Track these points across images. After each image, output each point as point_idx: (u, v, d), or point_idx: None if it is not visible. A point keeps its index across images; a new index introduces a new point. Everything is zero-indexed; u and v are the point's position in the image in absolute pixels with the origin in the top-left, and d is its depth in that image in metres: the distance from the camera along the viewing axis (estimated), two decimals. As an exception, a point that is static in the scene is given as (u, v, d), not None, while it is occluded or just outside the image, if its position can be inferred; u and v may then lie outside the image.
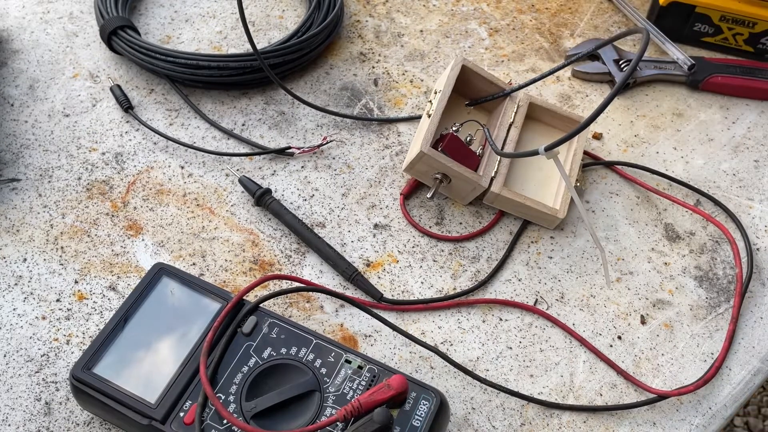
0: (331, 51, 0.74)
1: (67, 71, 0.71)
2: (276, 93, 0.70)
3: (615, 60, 0.72)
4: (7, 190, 0.62)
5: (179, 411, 0.46)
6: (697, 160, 0.67)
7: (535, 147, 0.64)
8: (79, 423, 0.50)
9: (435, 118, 0.59)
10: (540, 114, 0.64)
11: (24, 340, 0.54)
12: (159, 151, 0.65)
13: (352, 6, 0.78)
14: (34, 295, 0.56)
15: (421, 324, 0.56)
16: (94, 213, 0.61)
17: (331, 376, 0.48)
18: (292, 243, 0.60)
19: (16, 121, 0.67)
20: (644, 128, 0.69)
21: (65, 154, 0.65)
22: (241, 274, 0.58)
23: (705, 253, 0.61)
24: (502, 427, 0.52)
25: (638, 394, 0.53)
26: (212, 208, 0.62)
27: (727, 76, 0.71)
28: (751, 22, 0.72)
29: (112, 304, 0.56)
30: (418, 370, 0.54)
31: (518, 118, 0.63)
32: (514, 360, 0.55)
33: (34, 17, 0.75)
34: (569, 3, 0.80)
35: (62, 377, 0.52)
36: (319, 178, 0.64)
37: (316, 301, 0.57)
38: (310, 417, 0.46)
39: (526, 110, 0.63)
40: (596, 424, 0.52)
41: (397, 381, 0.46)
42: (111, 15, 0.71)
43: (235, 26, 0.75)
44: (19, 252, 0.58)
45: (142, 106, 0.69)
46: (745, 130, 0.70)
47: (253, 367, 0.48)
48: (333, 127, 0.68)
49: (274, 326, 0.50)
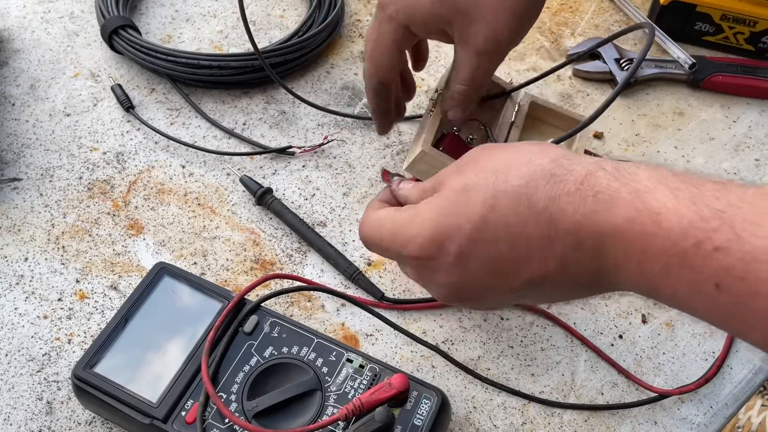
0: (331, 50, 0.74)
1: (68, 71, 0.71)
2: (277, 92, 0.70)
3: (616, 59, 0.72)
4: (8, 190, 0.62)
5: (181, 410, 0.46)
6: (698, 159, 0.67)
7: None
8: (81, 422, 0.50)
9: (436, 117, 0.59)
10: (541, 113, 0.64)
11: (25, 340, 0.54)
12: (160, 151, 0.65)
13: (352, 5, 0.78)
14: (35, 294, 0.56)
15: (423, 323, 0.56)
16: (96, 212, 0.61)
17: (332, 375, 0.48)
18: (293, 242, 0.60)
19: (17, 121, 0.67)
20: (645, 127, 0.69)
21: (66, 154, 0.65)
22: (243, 273, 0.58)
23: (706, 252, 0.61)
24: (504, 426, 0.52)
25: (639, 393, 0.53)
26: (213, 208, 0.62)
27: (728, 75, 0.71)
28: (752, 21, 0.72)
29: (113, 304, 0.56)
30: (419, 369, 0.54)
31: (519, 118, 0.63)
32: (515, 359, 0.55)
33: (35, 17, 0.75)
34: (570, 2, 0.80)
35: (64, 376, 0.52)
36: (320, 178, 0.64)
37: (318, 300, 0.57)
38: (312, 416, 0.46)
39: (527, 110, 0.63)
40: (597, 423, 0.52)
41: (398, 380, 0.46)
42: (112, 14, 0.71)
43: (235, 25, 0.75)
44: (20, 251, 0.58)
45: (143, 106, 0.69)
46: (746, 129, 0.70)
47: (254, 366, 0.48)
48: (334, 126, 0.68)
49: (276, 325, 0.50)
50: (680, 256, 0.33)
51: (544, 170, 0.38)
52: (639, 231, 0.34)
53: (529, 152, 0.40)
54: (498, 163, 0.40)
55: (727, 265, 0.32)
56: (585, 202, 0.36)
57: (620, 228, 0.35)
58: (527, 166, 0.39)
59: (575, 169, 0.37)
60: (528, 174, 0.38)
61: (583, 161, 0.38)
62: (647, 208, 0.34)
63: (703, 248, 0.32)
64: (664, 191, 0.34)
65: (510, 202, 0.38)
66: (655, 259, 0.34)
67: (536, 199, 0.38)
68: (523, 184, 0.38)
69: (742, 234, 0.32)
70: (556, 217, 0.37)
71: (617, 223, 0.35)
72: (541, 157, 0.39)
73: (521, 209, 0.38)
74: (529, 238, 0.38)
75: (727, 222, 0.32)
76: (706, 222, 0.32)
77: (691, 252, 0.33)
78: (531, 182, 0.38)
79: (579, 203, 0.36)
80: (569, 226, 0.37)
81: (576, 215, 0.36)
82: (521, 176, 0.38)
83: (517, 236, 0.38)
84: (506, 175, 0.39)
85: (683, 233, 0.33)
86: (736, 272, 0.31)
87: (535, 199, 0.38)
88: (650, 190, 0.35)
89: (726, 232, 0.32)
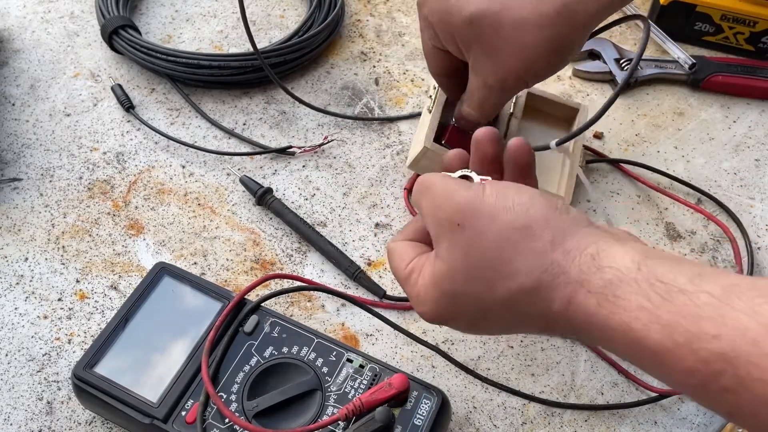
0: (331, 50, 0.74)
1: (68, 71, 0.71)
2: (277, 92, 0.70)
3: (616, 59, 0.72)
4: (8, 190, 0.62)
5: (181, 410, 0.46)
6: (698, 159, 0.67)
7: (536, 137, 0.64)
8: (81, 422, 0.50)
9: (436, 112, 0.59)
10: (539, 103, 0.64)
11: (26, 340, 0.54)
12: (160, 151, 0.65)
13: (352, 5, 0.78)
14: (35, 294, 0.56)
15: (423, 323, 0.56)
16: (96, 212, 0.61)
17: (332, 375, 0.48)
18: (293, 242, 0.60)
19: (17, 121, 0.67)
20: (645, 127, 0.69)
21: (66, 154, 0.65)
22: (243, 273, 0.58)
23: (706, 252, 0.61)
24: (504, 426, 0.52)
25: (639, 392, 0.53)
26: (213, 208, 0.62)
27: (728, 75, 0.71)
28: (752, 21, 0.72)
29: (113, 304, 0.56)
30: (419, 369, 0.54)
31: (517, 109, 0.63)
32: (515, 359, 0.55)
33: (35, 17, 0.75)
34: (570, 2, 0.80)
35: (64, 376, 0.52)
36: (320, 178, 0.64)
37: (318, 300, 0.57)
38: (312, 416, 0.46)
39: (525, 100, 0.63)
40: (597, 423, 0.52)
41: (398, 380, 0.46)
42: (112, 14, 0.71)
43: (236, 25, 0.75)
44: (20, 251, 0.58)
45: (143, 106, 0.69)
46: (746, 129, 0.70)
47: (254, 366, 0.48)
48: (334, 126, 0.68)
49: (276, 325, 0.50)
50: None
51: (526, 288, 0.37)
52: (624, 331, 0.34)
53: (517, 241, 0.37)
54: (488, 253, 0.38)
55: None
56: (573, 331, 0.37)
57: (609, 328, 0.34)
58: (511, 279, 0.37)
59: (559, 292, 0.36)
60: (515, 289, 0.37)
61: (572, 267, 0.36)
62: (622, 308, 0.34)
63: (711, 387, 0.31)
64: (638, 284, 0.33)
65: (500, 310, 0.38)
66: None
67: (525, 311, 0.37)
68: (507, 298, 0.37)
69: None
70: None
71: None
72: (525, 260, 0.37)
73: (512, 318, 0.39)
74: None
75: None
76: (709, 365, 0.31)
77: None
78: (518, 298, 0.37)
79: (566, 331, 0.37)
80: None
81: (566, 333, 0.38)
82: (507, 290, 0.37)
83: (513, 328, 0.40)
84: (492, 286, 0.38)
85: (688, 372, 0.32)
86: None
87: (524, 310, 0.37)
88: (626, 291, 0.34)
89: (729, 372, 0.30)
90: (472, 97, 0.54)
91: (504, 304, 0.38)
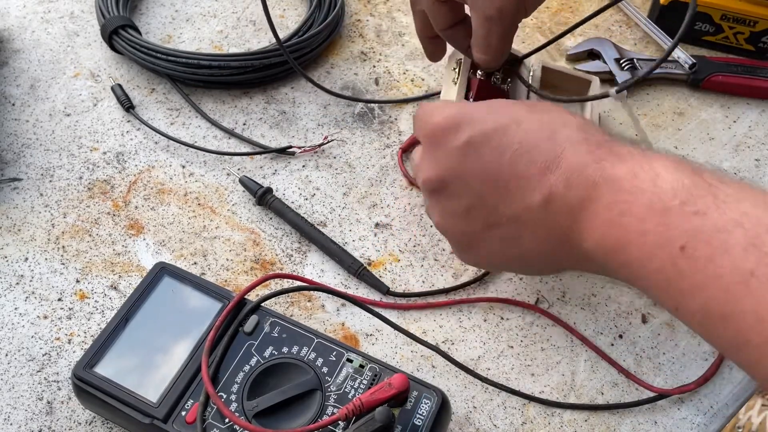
0: (331, 50, 0.74)
1: (68, 71, 0.71)
2: (277, 92, 0.70)
3: (616, 59, 0.72)
4: (8, 190, 0.62)
5: (181, 410, 0.46)
6: (698, 158, 0.67)
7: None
8: (81, 422, 0.50)
9: (462, 82, 0.59)
10: (554, 78, 0.65)
11: (25, 340, 0.54)
12: (160, 151, 0.65)
13: (352, 5, 0.78)
14: (35, 294, 0.56)
15: (423, 323, 0.56)
16: (96, 212, 0.61)
17: (332, 375, 0.48)
18: (293, 242, 0.60)
19: (17, 121, 0.67)
20: (645, 127, 0.69)
21: (66, 154, 0.65)
22: (243, 273, 0.58)
23: (706, 252, 0.61)
24: (504, 426, 0.52)
25: (639, 392, 0.53)
26: (213, 208, 0.62)
27: (728, 75, 0.71)
28: (752, 21, 0.72)
29: (113, 304, 0.56)
30: (419, 369, 0.54)
31: (534, 82, 0.63)
32: (515, 359, 0.55)
33: (35, 17, 0.75)
34: (570, 2, 0.80)
35: (64, 376, 0.53)
36: (320, 178, 0.64)
37: (318, 300, 0.57)
38: (312, 416, 0.46)
39: (541, 74, 0.64)
40: (597, 423, 0.52)
41: (398, 380, 0.46)
42: (112, 14, 0.71)
43: (236, 25, 0.76)
44: (20, 251, 0.58)
45: (143, 106, 0.69)
46: (746, 129, 0.70)
47: (254, 366, 0.48)
48: (334, 126, 0.68)
49: (276, 325, 0.50)
50: (661, 213, 0.37)
51: (577, 123, 0.44)
52: (634, 184, 0.39)
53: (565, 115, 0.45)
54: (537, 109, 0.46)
55: (698, 228, 0.35)
56: (599, 151, 0.41)
57: (619, 178, 0.40)
58: (561, 117, 0.44)
59: (601, 135, 0.43)
60: (560, 118, 0.44)
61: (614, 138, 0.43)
62: (651, 167, 0.39)
63: (685, 209, 0.36)
64: (671, 160, 0.39)
65: (535, 126, 0.44)
66: (637, 212, 0.38)
67: (559, 135, 0.43)
68: (552, 120, 0.44)
69: (721, 206, 0.35)
70: (566, 154, 0.42)
71: (619, 173, 0.40)
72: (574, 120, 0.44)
73: (540, 135, 0.43)
74: (531, 162, 0.43)
75: (712, 193, 0.36)
76: (697, 189, 0.37)
77: (673, 210, 0.36)
78: (560, 121, 0.43)
79: (594, 150, 0.41)
80: (574, 163, 0.41)
81: (585, 156, 0.41)
82: (553, 117, 0.44)
83: (523, 154, 0.43)
84: (541, 113, 0.45)
85: (673, 193, 0.37)
86: (703, 236, 0.35)
87: (558, 135, 0.43)
88: (659, 158, 0.40)
89: (708, 201, 0.36)
90: (478, 37, 0.55)
91: (544, 121, 0.44)
